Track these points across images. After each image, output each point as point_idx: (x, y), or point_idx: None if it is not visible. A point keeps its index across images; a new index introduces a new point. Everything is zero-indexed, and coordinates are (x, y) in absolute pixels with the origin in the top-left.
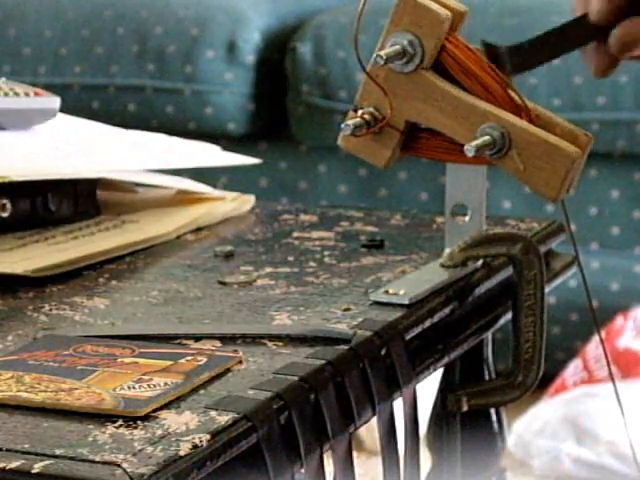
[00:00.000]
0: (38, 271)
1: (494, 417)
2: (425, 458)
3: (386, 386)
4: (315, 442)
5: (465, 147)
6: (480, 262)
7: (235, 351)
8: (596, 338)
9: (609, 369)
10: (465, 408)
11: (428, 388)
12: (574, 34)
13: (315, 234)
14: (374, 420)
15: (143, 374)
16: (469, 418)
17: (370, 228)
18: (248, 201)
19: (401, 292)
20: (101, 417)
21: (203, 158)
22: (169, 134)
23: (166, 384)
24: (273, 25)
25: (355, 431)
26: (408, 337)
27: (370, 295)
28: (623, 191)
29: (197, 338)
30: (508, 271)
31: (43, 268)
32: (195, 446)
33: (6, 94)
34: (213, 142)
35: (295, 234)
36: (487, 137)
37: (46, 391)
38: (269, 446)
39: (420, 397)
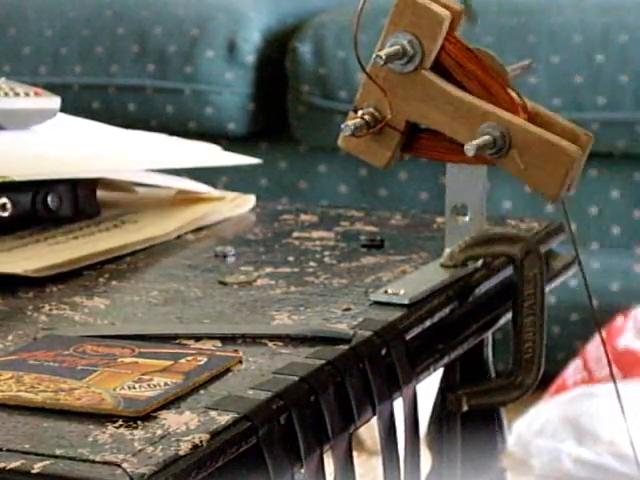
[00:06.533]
0: (38, 271)
1: (494, 417)
2: (425, 458)
3: (386, 386)
4: (315, 442)
5: (465, 147)
6: (480, 262)
7: (235, 351)
8: (596, 338)
9: (610, 369)
10: (465, 408)
11: (428, 388)
12: None
13: (315, 234)
14: (374, 420)
15: (143, 374)
16: (469, 418)
17: (370, 228)
18: (248, 201)
19: (401, 292)
20: (101, 417)
21: (203, 158)
22: (169, 134)
23: (166, 384)
24: (273, 25)
25: (355, 431)
26: (408, 337)
27: (370, 295)
28: (623, 191)
29: (197, 338)
30: (508, 271)
31: (43, 268)
32: (195, 446)
33: (6, 94)
34: (213, 142)
35: (295, 234)
36: (487, 137)
37: (46, 391)
38: (269, 446)
39: (420, 397)
